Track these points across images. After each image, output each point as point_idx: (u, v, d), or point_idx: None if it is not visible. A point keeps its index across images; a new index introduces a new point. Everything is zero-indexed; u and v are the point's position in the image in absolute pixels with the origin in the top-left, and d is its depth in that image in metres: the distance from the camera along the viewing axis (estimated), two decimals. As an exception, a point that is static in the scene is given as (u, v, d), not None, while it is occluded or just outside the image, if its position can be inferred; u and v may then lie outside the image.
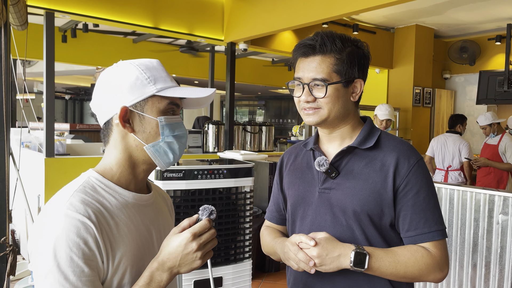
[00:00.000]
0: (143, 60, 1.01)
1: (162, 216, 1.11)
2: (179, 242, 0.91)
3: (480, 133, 6.86)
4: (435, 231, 1.14)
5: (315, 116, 1.17)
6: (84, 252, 0.85)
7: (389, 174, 1.15)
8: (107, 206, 0.93)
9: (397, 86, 6.63)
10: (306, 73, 1.16)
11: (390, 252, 1.11)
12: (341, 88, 1.16)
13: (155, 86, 0.97)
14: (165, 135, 0.99)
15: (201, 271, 2.74)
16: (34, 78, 10.06)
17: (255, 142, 5.70)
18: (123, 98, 0.96)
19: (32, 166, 4.32)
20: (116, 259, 0.91)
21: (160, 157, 1.00)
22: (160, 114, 0.98)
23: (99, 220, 0.89)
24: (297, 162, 1.33)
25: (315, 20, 4.16)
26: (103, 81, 0.99)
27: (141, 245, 0.98)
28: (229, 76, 5.32)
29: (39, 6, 3.95)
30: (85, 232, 0.86)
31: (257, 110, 15.09)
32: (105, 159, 1.02)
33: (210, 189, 2.80)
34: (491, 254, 2.74)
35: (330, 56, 1.15)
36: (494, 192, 2.74)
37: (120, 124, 0.96)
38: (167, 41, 7.35)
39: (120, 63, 1.01)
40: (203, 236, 0.92)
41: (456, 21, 6.00)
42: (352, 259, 1.07)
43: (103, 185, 0.96)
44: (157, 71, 1.00)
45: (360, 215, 1.15)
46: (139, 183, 1.03)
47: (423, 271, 1.11)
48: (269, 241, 1.32)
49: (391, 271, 1.10)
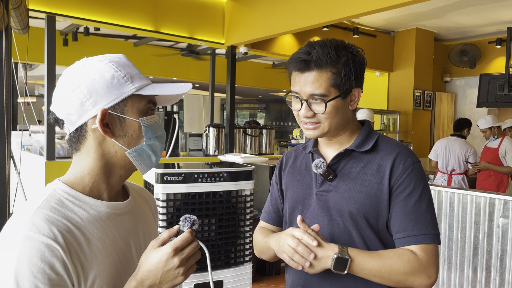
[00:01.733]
0: (111, 55, 0.91)
1: (142, 222, 1.01)
2: (159, 258, 0.82)
3: (480, 136, 6.85)
4: (425, 234, 1.12)
5: (315, 131, 1.17)
6: (50, 278, 0.75)
7: (385, 176, 1.15)
8: (76, 221, 0.83)
9: (398, 89, 6.63)
10: (303, 88, 1.14)
11: (375, 255, 1.10)
12: (340, 101, 1.15)
13: (133, 85, 0.89)
14: (148, 137, 0.91)
15: (201, 275, 2.74)
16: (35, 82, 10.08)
17: (255, 145, 5.70)
18: (100, 100, 0.86)
19: (33, 169, 4.33)
20: (89, 280, 0.82)
21: (143, 162, 0.92)
22: (141, 115, 0.90)
23: (66, 240, 0.79)
24: (296, 164, 1.33)
25: (316, 24, 4.17)
26: (70, 81, 0.87)
27: (118, 260, 0.89)
28: (229, 79, 5.33)
29: (40, 10, 3.97)
30: (51, 256, 0.76)
31: (258, 113, 15.10)
32: (74, 168, 0.91)
33: (210, 192, 2.80)
34: (492, 257, 2.74)
35: (326, 70, 1.12)
36: (495, 196, 2.74)
37: (100, 129, 0.86)
38: (168, 45, 7.37)
39: (88, 60, 0.90)
40: (185, 250, 0.84)
41: (457, 24, 6.01)
42: (333, 263, 1.06)
43: (71, 197, 0.86)
44: (130, 68, 0.91)
45: (356, 217, 1.15)
46: (113, 191, 0.94)
47: (408, 275, 1.09)
48: (261, 239, 1.30)
49: (375, 273, 1.09)
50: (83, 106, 0.86)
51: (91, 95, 0.86)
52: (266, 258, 1.32)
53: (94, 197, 0.89)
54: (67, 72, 0.90)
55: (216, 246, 2.86)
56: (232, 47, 5.28)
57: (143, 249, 0.98)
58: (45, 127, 4.02)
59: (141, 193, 1.10)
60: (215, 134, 5.27)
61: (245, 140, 5.62)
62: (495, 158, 4.59)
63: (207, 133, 5.30)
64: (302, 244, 1.07)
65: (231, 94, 5.34)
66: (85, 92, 0.86)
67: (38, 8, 3.95)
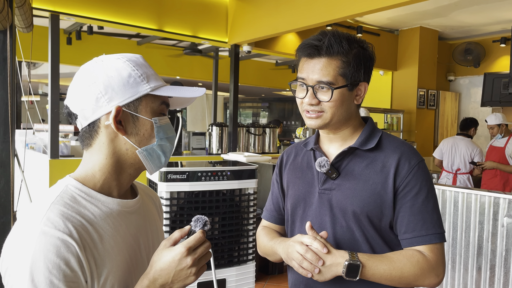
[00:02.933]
0: (129, 55, 0.92)
1: (150, 221, 1.02)
2: (172, 257, 0.82)
3: (485, 136, 6.82)
4: (433, 234, 1.12)
5: (317, 120, 1.15)
6: (65, 274, 0.76)
7: (389, 175, 1.14)
8: (89, 218, 0.84)
9: (401, 88, 6.61)
10: (310, 75, 1.13)
11: (385, 259, 1.10)
12: (346, 92, 1.14)
13: (149, 85, 0.89)
14: (159, 138, 0.92)
15: (204, 273, 2.74)
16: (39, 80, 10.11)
17: (259, 144, 5.70)
18: (115, 97, 0.87)
19: (37, 168, 4.34)
20: (102, 277, 0.82)
21: (152, 161, 0.93)
22: (154, 115, 0.91)
23: (81, 236, 0.80)
24: (296, 161, 1.31)
25: (319, 22, 4.16)
26: (87, 76, 0.88)
27: (129, 257, 0.89)
28: (232, 78, 5.33)
29: (44, 9, 3.98)
30: (66, 252, 0.76)
31: (261, 112, 15.10)
32: (86, 164, 0.92)
33: (213, 191, 2.80)
34: (496, 257, 2.73)
35: (336, 58, 1.12)
36: (499, 195, 2.73)
37: (113, 126, 0.87)
38: (171, 43, 7.37)
39: (106, 58, 0.90)
40: (197, 250, 0.85)
41: (461, 23, 5.99)
42: (345, 270, 1.05)
43: (83, 194, 0.86)
44: (146, 68, 0.92)
45: (359, 216, 1.14)
46: (123, 189, 0.94)
47: (418, 276, 1.10)
48: (266, 242, 1.29)
49: (386, 277, 1.09)
50: (98, 102, 0.87)
51: (107, 92, 0.86)
52: (271, 260, 1.31)
53: (105, 194, 0.90)
54: (84, 67, 0.91)
55: (219, 244, 2.85)
56: (235, 45, 5.28)
57: (151, 247, 0.99)
58: (49, 126, 4.03)
59: (147, 192, 1.11)
60: (218, 133, 5.26)
61: (248, 139, 5.62)
62: (502, 157, 4.56)
63: (210, 132, 5.30)
64: (311, 251, 1.06)
65: (234, 93, 5.33)
66: (101, 88, 0.86)
67: (42, 7, 3.96)
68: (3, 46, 2.40)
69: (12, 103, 2.45)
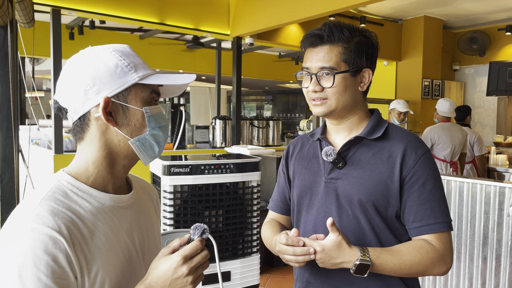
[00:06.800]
0: (115, 45, 0.92)
1: (145, 215, 1.01)
2: (169, 265, 0.82)
3: (490, 125, 6.77)
4: (441, 222, 1.12)
5: (322, 107, 1.17)
6: (53, 270, 0.75)
7: (396, 164, 1.14)
8: (80, 213, 0.84)
9: (406, 79, 6.56)
10: (314, 63, 1.16)
11: (395, 253, 1.10)
12: (349, 78, 1.15)
13: (137, 74, 0.88)
14: (151, 127, 0.91)
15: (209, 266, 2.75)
16: (43, 76, 10.14)
17: (262, 137, 5.69)
18: (103, 88, 0.86)
19: (42, 163, 4.37)
20: (93, 272, 0.82)
21: (145, 151, 0.92)
22: (144, 104, 0.90)
23: (71, 232, 0.79)
24: (303, 151, 1.32)
25: (322, 13, 4.12)
26: (74, 70, 0.87)
27: (121, 253, 0.89)
28: (235, 70, 5.31)
29: (46, 4, 3.97)
30: (54, 248, 0.76)
31: (265, 105, 15.06)
32: (79, 158, 0.91)
33: (217, 184, 2.80)
34: (502, 247, 2.71)
35: (338, 45, 1.15)
36: (505, 184, 2.70)
37: (103, 118, 0.86)
38: (174, 37, 7.35)
39: (92, 49, 0.90)
40: (194, 259, 0.84)
41: (465, 11, 5.91)
42: (354, 269, 1.06)
43: (75, 189, 0.86)
44: (133, 57, 0.91)
45: (366, 205, 1.15)
46: (118, 181, 0.94)
47: (427, 267, 1.11)
48: (268, 236, 1.30)
49: (396, 271, 1.10)
50: (87, 94, 0.86)
51: (95, 83, 0.85)
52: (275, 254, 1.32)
53: (98, 189, 0.89)
54: (70, 60, 0.90)
55: (223, 237, 2.86)
56: (237, 38, 5.25)
57: (146, 241, 0.98)
58: (53, 121, 4.04)
59: (144, 186, 1.10)
60: (221, 126, 5.26)
61: (251, 132, 5.61)
62: None
63: (214, 125, 5.29)
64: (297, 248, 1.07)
65: (237, 86, 5.31)
66: (88, 80, 0.86)
67: (43, 2, 3.95)
68: (4, 41, 2.40)
69: (15, 99, 2.45)
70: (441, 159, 4.43)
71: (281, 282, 3.76)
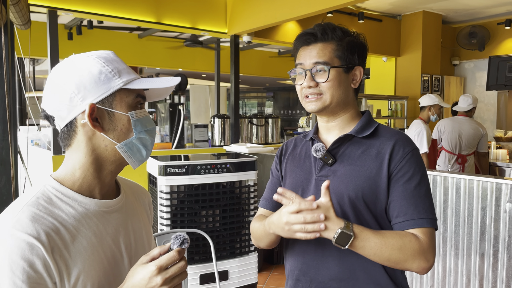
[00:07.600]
0: (98, 52, 0.93)
1: (133, 219, 1.02)
2: (144, 275, 0.82)
3: (491, 120, 6.75)
4: (425, 218, 1.12)
5: (317, 103, 1.19)
6: (29, 275, 0.77)
7: (384, 160, 1.16)
8: (62, 219, 0.85)
9: (405, 74, 6.54)
10: (308, 60, 1.19)
11: (379, 233, 1.10)
12: (342, 73, 1.19)
13: (121, 79, 0.90)
14: (137, 131, 0.92)
15: (206, 265, 2.76)
16: (43, 76, 10.17)
17: (261, 135, 5.69)
18: (88, 95, 0.88)
19: (42, 164, 4.38)
20: (73, 277, 0.83)
21: (133, 155, 0.93)
22: (130, 109, 0.91)
23: (50, 238, 0.81)
24: (296, 151, 1.35)
25: (320, 10, 4.10)
26: (59, 78, 0.89)
27: (105, 258, 0.90)
28: (233, 68, 5.31)
29: (42, 5, 3.97)
30: (31, 254, 0.78)
31: (266, 102, 15.04)
32: (66, 163, 0.93)
33: (213, 184, 2.81)
34: (499, 243, 2.71)
35: (331, 42, 1.19)
36: (501, 181, 2.70)
37: (89, 124, 0.87)
38: (172, 35, 7.35)
39: (75, 57, 0.92)
40: (170, 270, 0.83)
41: (464, 6, 5.88)
42: (336, 237, 1.04)
43: (60, 194, 0.88)
44: (117, 63, 0.92)
45: (355, 201, 1.16)
46: (106, 186, 0.95)
47: (408, 256, 1.08)
48: (258, 225, 1.28)
49: (375, 251, 1.07)
50: (72, 102, 0.88)
51: (79, 90, 0.87)
52: (264, 245, 1.29)
53: (84, 194, 0.90)
54: (55, 69, 0.91)
55: (221, 236, 2.87)
56: (235, 36, 5.24)
57: (134, 246, 0.99)
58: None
59: (135, 189, 1.10)
60: (220, 125, 5.26)
61: (250, 129, 5.61)
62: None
63: (213, 123, 5.29)
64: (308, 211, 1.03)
65: (235, 84, 5.31)
66: (73, 88, 0.87)
67: (39, 3, 3.95)
68: (-2, 44, 2.40)
69: (10, 101, 2.46)
70: (448, 151, 4.45)
71: (280, 280, 3.77)
